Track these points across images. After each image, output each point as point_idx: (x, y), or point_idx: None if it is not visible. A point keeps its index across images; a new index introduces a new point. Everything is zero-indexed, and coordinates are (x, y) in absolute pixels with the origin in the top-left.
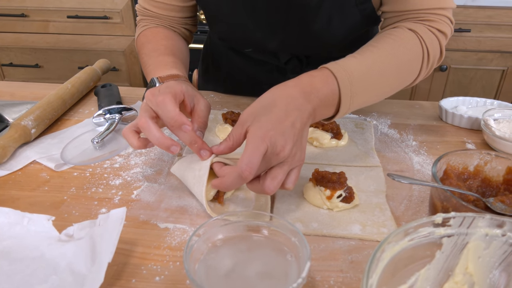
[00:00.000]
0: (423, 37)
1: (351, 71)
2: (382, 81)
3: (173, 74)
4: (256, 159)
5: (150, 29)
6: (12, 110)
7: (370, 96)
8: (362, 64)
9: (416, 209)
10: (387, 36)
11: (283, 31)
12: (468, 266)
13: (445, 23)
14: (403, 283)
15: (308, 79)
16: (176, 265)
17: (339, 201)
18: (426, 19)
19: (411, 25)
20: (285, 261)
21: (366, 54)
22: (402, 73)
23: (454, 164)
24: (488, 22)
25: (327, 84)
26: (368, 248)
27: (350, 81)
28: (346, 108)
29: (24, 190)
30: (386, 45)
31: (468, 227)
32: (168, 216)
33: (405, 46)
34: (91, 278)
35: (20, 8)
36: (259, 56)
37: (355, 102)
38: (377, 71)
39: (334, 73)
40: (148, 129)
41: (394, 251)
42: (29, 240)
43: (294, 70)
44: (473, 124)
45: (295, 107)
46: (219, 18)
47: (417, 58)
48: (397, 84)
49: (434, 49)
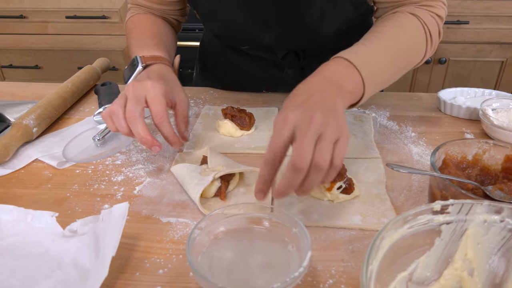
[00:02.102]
0: (425, 21)
1: (365, 57)
2: (393, 64)
3: (156, 56)
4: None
5: (138, 15)
6: (14, 110)
7: (386, 78)
8: (373, 49)
9: (415, 199)
10: (390, 21)
11: (277, 25)
12: (467, 252)
13: (441, 8)
14: (403, 270)
15: (325, 68)
16: (179, 258)
17: (339, 193)
18: (424, 4)
19: (412, 10)
20: (286, 251)
21: (375, 40)
22: (410, 54)
23: (453, 154)
24: (486, 13)
25: (346, 68)
26: (369, 238)
27: (366, 62)
28: (371, 86)
29: (27, 188)
30: (391, 30)
31: (466, 214)
32: (170, 210)
33: (410, 30)
34: (95, 272)
35: (19, 10)
36: (255, 52)
37: (377, 81)
38: (388, 55)
39: (350, 60)
40: (135, 124)
41: (394, 239)
42: (33, 236)
43: (291, 64)
44: (472, 114)
45: (317, 90)
46: (213, 17)
47: (421, 41)
48: (405, 65)
49: (435, 32)
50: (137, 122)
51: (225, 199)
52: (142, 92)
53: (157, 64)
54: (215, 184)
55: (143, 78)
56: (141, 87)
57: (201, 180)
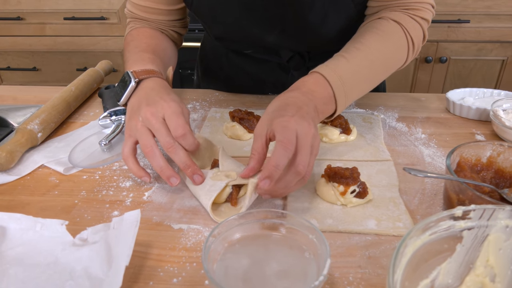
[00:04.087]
0: (407, 28)
1: (341, 72)
2: (371, 75)
3: (148, 70)
4: (293, 138)
5: (137, 29)
6: (16, 114)
7: (363, 90)
8: (351, 63)
9: (430, 202)
10: (372, 30)
11: (280, 25)
12: (489, 258)
13: (428, 10)
14: (425, 278)
15: (303, 84)
16: (193, 266)
17: (353, 197)
18: (411, 8)
19: (395, 16)
20: (303, 259)
21: (354, 52)
22: (389, 64)
23: (467, 156)
24: (487, 12)
25: (321, 87)
26: (385, 243)
27: (342, 81)
28: (343, 106)
29: (34, 195)
30: (372, 40)
31: (488, 219)
32: (181, 217)
33: (390, 40)
34: (108, 282)
35: (16, 11)
36: (260, 55)
37: (350, 98)
38: (366, 67)
39: (325, 76)
40: (154, 157)
41: (416, 246)
42: (42, 245)
43: (297, 66)
44: (481, 115)
45: (303, 103)
46: (214, 20)
47: (402, 49)
48: (385, 74)
49: (418, 37)
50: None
51: (236, 205)
52: (160, 114)
53: (151, 78)
54: (226, 190)
55: (155, 100)
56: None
57: (213, 186)
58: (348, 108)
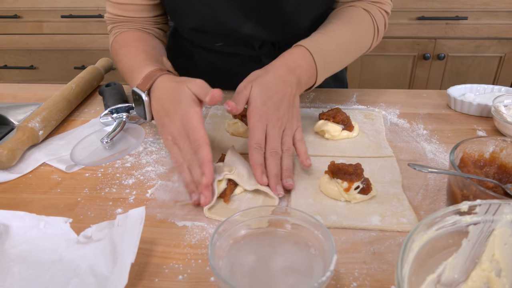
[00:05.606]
0: (375, 17)
1: (322, 47)
2: (346, 52)
3: (148, 74)
4: (260, 134)
5: (121, 34)
6: (16, 112)
7: (339, 65)
8: (330, 39)
9: (433, 198)
10: (346, 14)
11: (256, 15)
12: (494, 253)
13: (388, 4)
14: (431, 273)
15: (290, 56)
16: (198, 263)
17: (356, 193)
18: (377, 2)
19: (365, 6)
20: (309, 255)
21: (333, 31)
22: (360, 45)
23: (470, 152)
24: (485, 9)
25: (305, 59)
26: (389, 238)
27: (323, 54)
28: (322, 76)
29: (36, 193)
30: (347, 22)
31: (493, 214)
32: (185, 214)
33: (361, 23)
34: (114, 280)
35: (13, 9)
36: (230, 49)
37: (328, 71)
38: (342, 45)
39: (309, 49)
40: (183, 171)
41: (423, 241)
42: (46, 243)
43: (268, 54)
44: (482, 111)
45: (282, 81)
46: (189, 11)
47: (370, 33)
48: (356, 54)
49: (382, 26)
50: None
51: (228, 203)
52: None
53: (156, 82)
54: (221, 186)
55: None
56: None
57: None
58: (349, 105)
